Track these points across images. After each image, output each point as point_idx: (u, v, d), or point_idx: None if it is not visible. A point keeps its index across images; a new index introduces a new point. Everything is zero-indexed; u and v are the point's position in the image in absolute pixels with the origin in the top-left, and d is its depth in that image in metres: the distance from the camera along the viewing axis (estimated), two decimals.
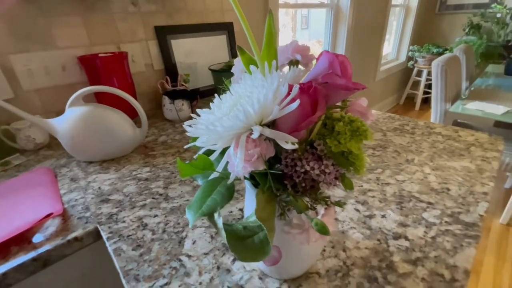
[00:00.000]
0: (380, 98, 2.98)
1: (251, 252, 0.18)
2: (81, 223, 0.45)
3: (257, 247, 0.18)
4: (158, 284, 0.34)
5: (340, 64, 0.24)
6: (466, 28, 2.63)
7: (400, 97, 3.37)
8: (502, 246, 1.33)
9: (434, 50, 2.67)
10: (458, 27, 2.84)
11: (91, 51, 0.83)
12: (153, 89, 1.03)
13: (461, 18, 2.79)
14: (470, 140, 0.65)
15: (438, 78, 1.37)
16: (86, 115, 0.61)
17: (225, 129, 0.20)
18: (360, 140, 0.23)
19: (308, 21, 3.46)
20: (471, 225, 0.40)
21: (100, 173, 0.60)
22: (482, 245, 1.34)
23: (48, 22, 0.74)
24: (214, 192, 0.22)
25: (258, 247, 0.18)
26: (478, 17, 2.55)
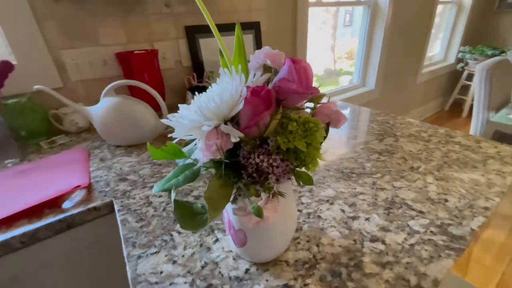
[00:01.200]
0: (421, 102, 2.77)
1: (193, 224, 0.22)
2: (101, 196, 0.53)
3: (201, 221, 0.22)
4: (149, 252, 0.39)
5: (301, 70, 0.26)
6: None
7: (445, 102, 3.09)
8: None
9: (488, 52, 2.39)
10: None
11: (128, 48, 0.94)
12: (181, 84, 1.11)
13: None
14: (491, 153, 0.60)
15: (482, 83, 1.25)
16: (115, 105, 0.70)
17: (190, 123, 0.25)
18: (311, 140, 0.25)
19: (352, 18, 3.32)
20: (458, 238, 0.39)
21: (124, 156, 0.69)
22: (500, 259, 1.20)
23: (94, 22, 0.85)
24: (182, 175, 0.26)
25: (203, 221, 0.22)
26: None
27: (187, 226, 0.22)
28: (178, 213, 0.22)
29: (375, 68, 1.99)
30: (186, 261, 0.37)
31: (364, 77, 2.07)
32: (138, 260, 0.38)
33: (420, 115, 2.85)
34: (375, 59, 1.97)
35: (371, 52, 1.98)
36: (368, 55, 1.99)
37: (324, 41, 3.04)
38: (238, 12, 1.16)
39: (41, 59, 0.80)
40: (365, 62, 2.01)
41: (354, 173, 0.56)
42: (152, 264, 0.37)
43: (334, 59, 3.24)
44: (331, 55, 3.17)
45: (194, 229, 0.22)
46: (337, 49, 3.15)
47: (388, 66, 2.08)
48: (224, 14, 1.12)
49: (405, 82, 2.37)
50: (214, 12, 1.09)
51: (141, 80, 0.91)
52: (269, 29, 1.29)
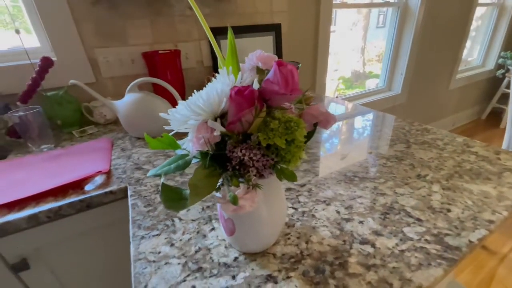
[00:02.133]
0: (455, 109, 2.60)
1: (176, 205, 0.25)
2: (117, 182, 0.59)
3: (185, 203, 0.25)
4: (151, 234, 0.43)
5: (287, 72, 0.28)
6: None
7: (482, 110, 2.87)
8: None
9: None
10: None
11: (153, 48, 1.01)
12: (201, 83, 1.17)
13: None
14: (509, 165, 0.57)
15: None
16: (138, 100, 0.76)
17: (181, 116, 0.28)
18: (291, 137, 0.27)
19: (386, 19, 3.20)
20: (453, 248, 0.38)
21: (143, 148, 0.75)
22: None
23: (125, 24, 0.93)
24: (174, 163, 0.29)
25: (183, 204, 0.25)
26: None
27: (170, 206, 0.25)
28: (165, 195, 0.26)
29: (403, 72, 1.91)
30: (183, 245, 0.40)
31: (390, 80, 2.00)
32: (141, 240, 0.42)
33: (453, 123, 2.68)
34: (402, 62, 1.89)
35: (399, 55, 1.90)
36: (395, 58, 1.92)
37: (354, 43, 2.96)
38: (260, 13, 1.19)
39: (77, 56, 0.89)
40: (392, 66, 1.94)
41: (357, 177, 0.56)
42: (152, 245, 0.41)
43: (364, 61, 3.14)
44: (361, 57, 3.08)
45: (175, 210, 0.25)
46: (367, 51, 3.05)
47: (417, 70, 1.98)
48: (244, 16, 1.15)
49: (436, 87, 2.24)
50: (234, 14, 1.12)
51: (164, 78, 0.97)
52: (290, 31, 1.31)
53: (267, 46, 1.24)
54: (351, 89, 2.83)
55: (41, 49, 0.90)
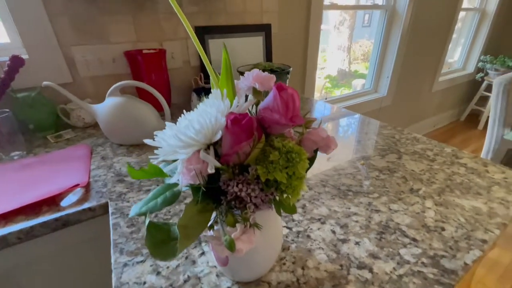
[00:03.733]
0: (436, 111, 2.68)
1: (165, 252, 0.22)
2: (97, 196, 0.54)
3: (172, 250, 0.22)
4: (135, 260, 0.40)
5: (288, 97, 0.25)
6: None
7: (462, 112, 2.99)
8: None
9: (510, 63, 2.28)
10: None
11: (137, 47, 0.95)
12: (188, 84, 1.12)
13: None
14: (497, 178, 0.57)
15: (499, 98, 1.19)
16: (119, 105, 0.71)
17: (169, 146, 0.24)
18: (292, 171, 0.25)
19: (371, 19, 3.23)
20: (450, 272, 0.37)
21: (125, 156, 0.70)
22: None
23: (105, 20, 0.87)
24: (161, 196, 0.26)
25: (174, 250, 0.22)
26: None
27: (157, 254, 0.22)
28: (151, 240, 0.22)
29: (389, 74, 1.93)
30: (170, 274, 0.37)
31: (376, 83, 2.02)
32: (124, 268, 0.38)
33: (434, 125, 2.77)
34: (389, 65, 1.91)
35: (386, 58, 1.92)
36: (382, 61, 1.94)
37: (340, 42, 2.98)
38: (249, 13, 1.15)
39: (51, 54, 0.82)
40: (379, 68, 1.96)
41: (351, 190, 0.55)
42: (136, 273, 0.38)
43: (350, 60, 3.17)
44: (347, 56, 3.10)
45: (164, 259, 0.22)
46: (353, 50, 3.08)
47: (403, 73, 2.02)
48: (233, 15, 1.11)
49: (419, 90, 2.30)
50: (222, 13, 1.08)
51: (148, 78, 0.92)
52: (280, 31, 1.28)
53: (257, 47, 1.21)
54: (337, 88, 2.86)
55: (10, 45, 0.82)
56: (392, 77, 1.94)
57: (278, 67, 0.93)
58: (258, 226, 0.25)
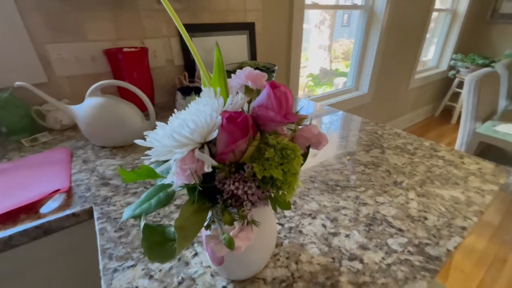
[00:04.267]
0: (413, 107, 2.81)
1: (162, 254, 0.22)
2: (81, 201, 0.52)
3: (171, 251, 0.22)
4: (126, 264, 0.39)
5: (281, 95, 0.26)
6: None
7: (436, 108, 3.14)
8: None
9: (479, 61, 2.43)
10: (509, 38, 2.55)
11: (117, 45, 0.91)
12: (171, 83, 1.09)
13: None
14: (472, 169, 0.61)
15: (470, 94, 1.27)
16: (100, 105, 0.68)
17: (162, 146, 0.24)
18: (287, 168, 0.25)
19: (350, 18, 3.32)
20: (434, 258, 0.39)
21: (108, 158, 0.68)
22: (494, 277, 1.24)
23: (82, 16, 0.83)
24: (154, 197, 0.25)
25: (172, 251, 0.22)
26: None
27: (154, 257, 0.21)
28: (147, 242, 0.22)
29: (369, 72, 2.00)
30: (163, 276, 0.37)
31: (358, 81, 2.08)
32: (114, 274, 0.37)
33: (411, 120, 2.89)
34: (369, 63, 1.98)
35: (366, 57, 1.98)
36: (362, 60, 2.00)
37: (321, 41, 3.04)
38: (233, 11, 1.14)
39: (24, 52, 0.77)
40: (360, 66, 2.02)
41: (338, 185, 0.56)
42: (127, 279, 0.37)
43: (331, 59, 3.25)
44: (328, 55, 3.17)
45: (161, 261, 0.21)
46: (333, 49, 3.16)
47: (382, 71, 2.09)
48: (217, 13, 1.10)
49: (397, 87, 2.39)
50: (205, 10, 1.06)
51: (130, 78, 0.89)
52: (264, 30, 1.28)
53: (241, 46, 1.21)
54: (319, 86, 2.91)
55: None
56: (372, 75, 2.01)
57: (264, 66, 0.94)
58: (256, 223, 0.25)
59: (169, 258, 0.21)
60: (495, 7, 2.60)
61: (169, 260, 0.21)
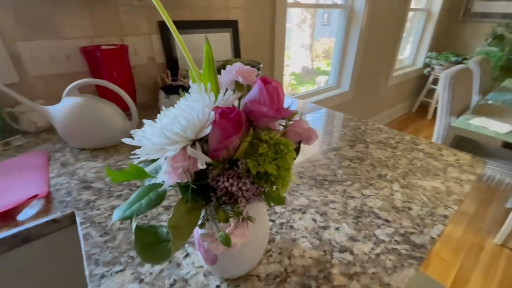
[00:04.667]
0: (392, 103, 2.92)
1: (156, 255, 0.21)
2: (61, 207, 0.49)
3: (166, 251, 0.21)
4: (114, 269, 0.37)
5: (273, 90, 0.26)
6: (489, 38, 2.51)
7: (413, 104, 3.29)
8: (492, 267, 1.30)
9: (452, 59, 2.57)
10: (480, 36, 2.71)
11: (95, 43, 0.87)
12: (153, 82, 1.06)
13: (485, 27, 2.66)
14: (450, 160, 0.64)
15: (445, 90, 1.34)
16: (79, 105, 0.65)
17: (153, 144, 0.23)
18: (281, 162, 0.25)
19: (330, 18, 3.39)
20: (419, 246, 0.41)
21: (89, 161, 0.65)
22: (471, 263, 1.32)
23: (54, 12, 0.78)
24: (145, 198, 0.25)
25: (166, 252, 0.21)
26: (503, 28, 2.43)
27: (149, 258, 0.20)
28: (140, 244, 0.21)
29: (350, 70, 2.05)
30: (154, 280, 0.36)
31: (339, 78, 2.13)
32: (101, 280, 0.36)
33: (390, 116, 3.00)
34: (350, 61, 2.03)
35: (347, 55, 2.03)
36: (343, 58, 2.05)
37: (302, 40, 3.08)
38: (215, 8, 1.13)
39: None
40: (341, 64, 2.07)
41: (326, 180, 0.57)
42: (116, 284, 0.35)
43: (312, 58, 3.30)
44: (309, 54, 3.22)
45: (156, 262, 0.21)
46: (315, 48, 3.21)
47: (362, 69, 2.15)
48: (198, 10, 1.08)
49: (377, 84, 2.48)
50: (185, 7, 1.04)
51: (110, 77, 0.86)
52: (247, 28, 1.28)
53: (225, 43, 1.19)
54: (302, 85, 2.96)
55: None
56: (353, 73, 2.06)
57: (249, 64, 0.93)
58: (251, 219, 0.25)
59: (165, 259, 0.21)
60: (467, 6, 2.76)
61: (165, 260, 0.21)
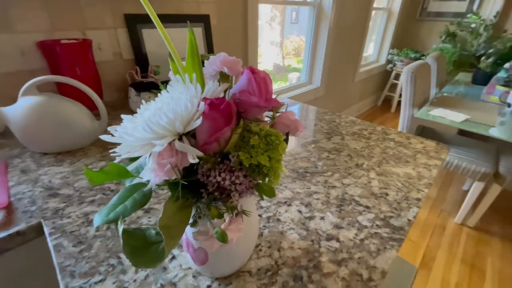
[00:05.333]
0: (359, 98, 3.07)
1: (148, 258, 0.19)
2: (25, 217, 0.44)
3: (158, 254, 0.20)
4: (92, 280, 0.34)
5: (261, 81, 0.25)
6: (442, 35, 2.74)
7: (378, 98, 3.48)
8: (454, 244, 1.44)
9: (411, 55, 2.76)
10: (436, 34, 2.95)
11: (54, 37, 0.80)
12: (121, 79, 1.00)
13: (440, 26, 2.90)
14: (418, 148, 0.69)
15: (408, 84, 1.43)
16: (39, 105, 0.59)
17: (137, 140, 0.21)
18: (273, 153, 0.25)
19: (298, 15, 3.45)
20: (398, 229, 0.43)
21: (53, 166, 0.59)
22: (436, 242, 1.44)
23: (5, 2, 0.70)
24: (129, 199, 0.23)
25: (159, 254, 0.20)
26: (455, 26, 2.66)
27: (140, 263, 0.19)
28: (128, 248, 0.19)
29: (320, 67, 2.11)
30: (139, 287, 0.34)
31: (311, 75, 2.19)
32: None
33: (358, 110, 3.16)
34: (320, 58, 2.09)
35: (317, 52, 2.09)
36: (314, 54, 2.10)
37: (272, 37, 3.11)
38: (185, 2, 1.09)
39: None
40: (312, 61, 2.12)
41: (308, 172, 0.58)
42: None
43: (283, 55, 3.35)
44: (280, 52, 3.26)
45: (149, 266, 0.19)
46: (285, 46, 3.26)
47: (332, 65, 2.23)
48: (168, 3, 1.04)
49: (345, 80, 2.58)
50: (155, 0, 0.99)
51: (72, 74, 0.79)
52: (219, 23, 1.25)
53: (197, 38, 1.16)
54: (274, 82, 2.99)
55: None
56: (323, 70, 2.13)
57: None
58: (246, 213, 0.24)
59: (158, 262, 0.19)
60: (423, 6, 2.97)
61: (159, 263, 0.19)
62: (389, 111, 3.28)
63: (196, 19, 1.14)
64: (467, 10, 2.76)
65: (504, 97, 1.48)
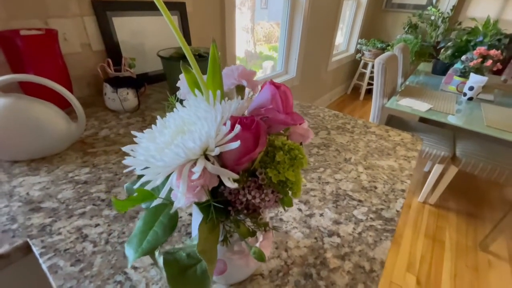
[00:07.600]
0: (331, 87, 3.17)
1: (193, 284, 0.19)
2: (7, 238, 0.40)
3: (198, 279, 0.20)
4: None
5: (282, 94, 0.25)
6: (405, 26, 2.90)
7: (347, 87, 3.63)
8: (418, 221, 1.60)
9: (378, 45, 2.90)
10: (399, 25, 3.11)
11: (10, 27, 0.70)
12: (92, 73, 0.92)
13: (403, 17, 3.06)
14: (397, 140, 0.75)
15: (379, 75, 1.51)
16: (4, 108, 0.52)
17: (166, 164, 0.20)
18: (297, 168, 0.25)
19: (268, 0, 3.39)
20: (389, 220, 0.47)
21: (28, 175, 0.54)
22: (403, 220, 1.59)
23: None
24: (156, 224, 0.22)
25: (200, 279, 0.20)
26: (416, 17, 2.83)
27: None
28: (172, 279, 0.19)
29: (296, 57, 2.13)
30: None
31: (286, 65, 2.20)
32: None
33: (330, 99, 3.27)
34: (295, 48, 2.10)
35: (292, 42, 2.09)
36: (289, 44, 2.11)
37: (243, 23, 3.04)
38: None
39: None
40: (287, 51, 2.13)
41: (302, 169, 0.60)
42: None
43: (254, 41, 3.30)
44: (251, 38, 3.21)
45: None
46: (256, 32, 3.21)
47: (306, 55, 2.26)
48: None
49: (319, 70, 2.64)
50: None
51: (36, 69, 0.70)
52: (195, 10, 1.19)
53: None
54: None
55: None
56: (298, 59, 2.15)
57: (206, 52, 0.88)
58: (276, 228, 0.24)
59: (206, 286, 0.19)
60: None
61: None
62: (358, 99, 3.44)
63: (171, 7, 1.07)
64: (427, 3, 2.94)
65: (460, 87, 1.64)
